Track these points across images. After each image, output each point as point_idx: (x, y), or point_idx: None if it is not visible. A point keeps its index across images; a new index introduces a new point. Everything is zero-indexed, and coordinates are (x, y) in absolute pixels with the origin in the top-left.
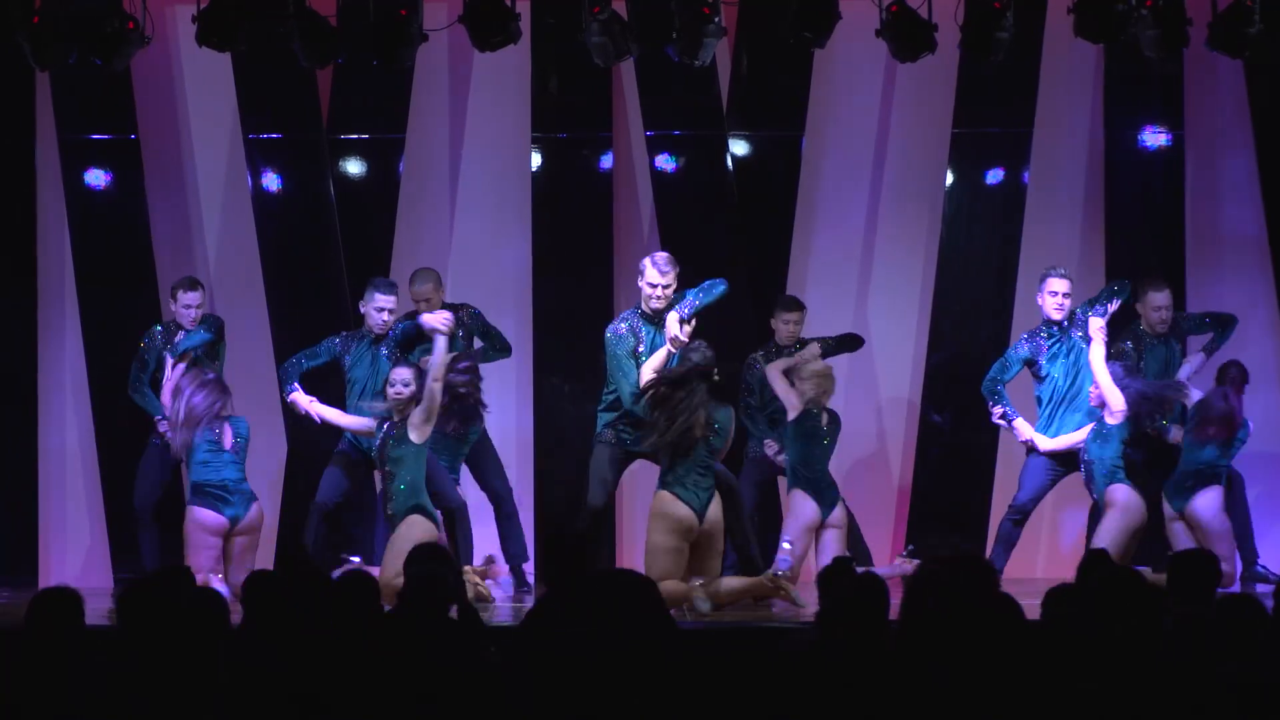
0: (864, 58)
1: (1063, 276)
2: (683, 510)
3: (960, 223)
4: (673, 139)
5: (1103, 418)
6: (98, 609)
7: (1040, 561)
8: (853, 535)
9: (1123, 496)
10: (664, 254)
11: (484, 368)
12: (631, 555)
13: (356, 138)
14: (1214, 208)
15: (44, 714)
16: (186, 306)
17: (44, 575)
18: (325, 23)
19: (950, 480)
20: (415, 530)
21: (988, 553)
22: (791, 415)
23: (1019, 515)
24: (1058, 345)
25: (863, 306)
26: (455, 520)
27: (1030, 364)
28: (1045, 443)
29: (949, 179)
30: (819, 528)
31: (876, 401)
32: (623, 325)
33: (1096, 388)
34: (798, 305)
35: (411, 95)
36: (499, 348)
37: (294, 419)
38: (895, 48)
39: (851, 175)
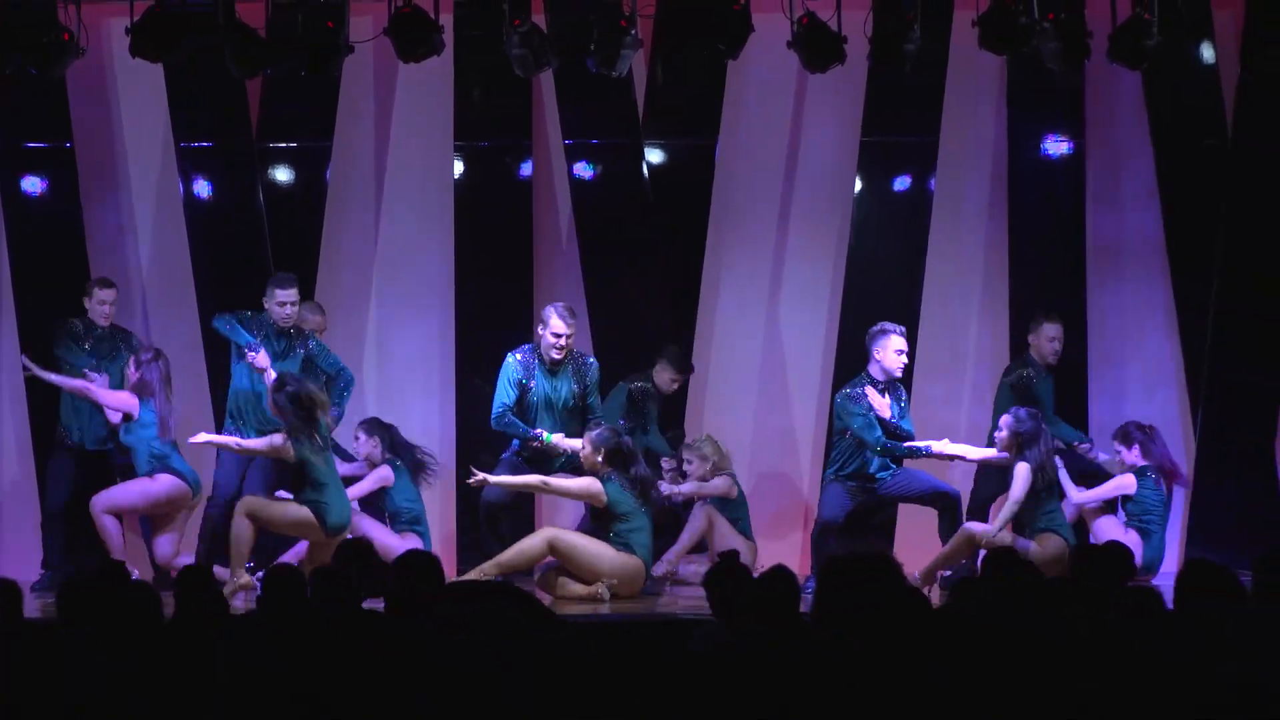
0: (776, 68)
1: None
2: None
3: (869, 229)
4: (590, 147)
5: None
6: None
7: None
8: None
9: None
10: (564, 305)
11: (417, 363)
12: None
13: (285, 145)
14: (1114, 214)
15: None
16: (102, 303)
17: None
18: (255, 34)
19: None
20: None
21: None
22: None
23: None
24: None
25: (774, 310)
26: None
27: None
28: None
29: (858, 186)
30: None
31: (787, 405)
32: (519, 357)
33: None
34: (689, 368)
35: (338, 104)
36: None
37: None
38: (806, 58)
39: (763, 182)
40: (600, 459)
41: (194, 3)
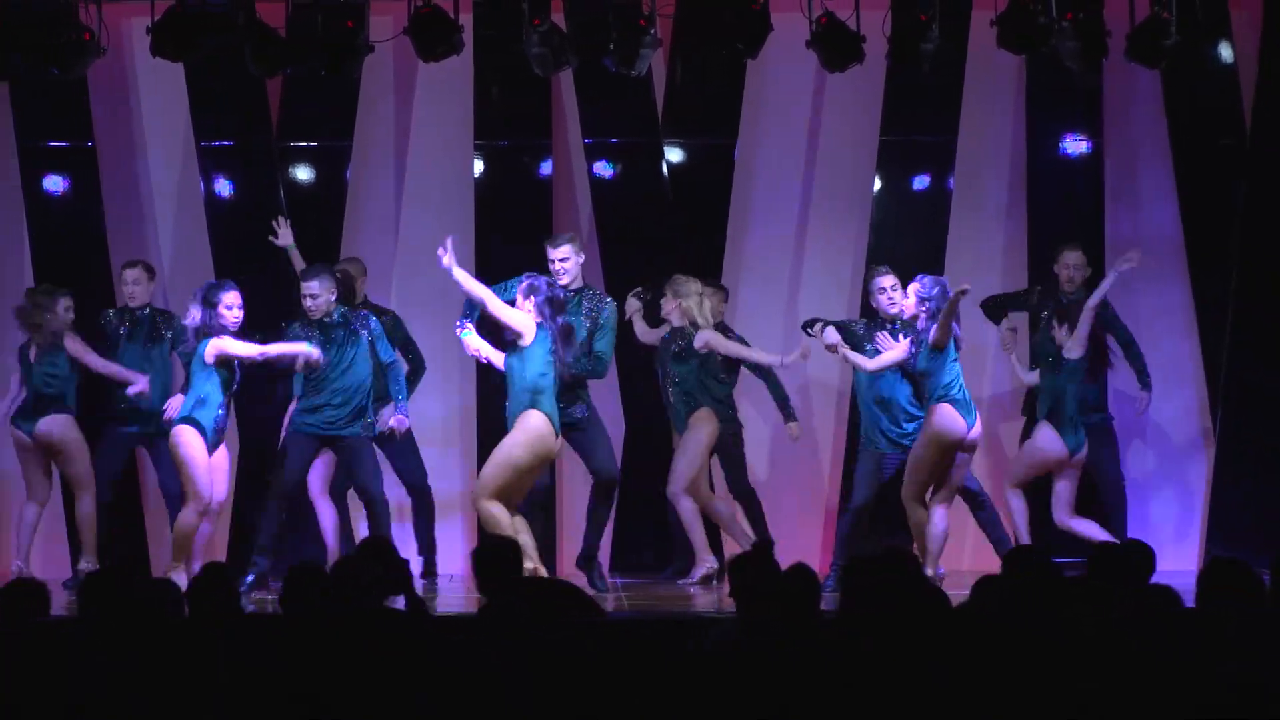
0: (795, 67)
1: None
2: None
3: (888, 228)
4: (610, 146)
5: None
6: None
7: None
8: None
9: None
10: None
11: (437, 361)
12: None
13: (305, 145)
14: (1133, 213)
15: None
16: (124, 284)
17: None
18: (275, 34)
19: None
20: None
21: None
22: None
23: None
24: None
25: (793, 310)
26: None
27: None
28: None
29: (877, 185)
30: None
31: (807, 403)
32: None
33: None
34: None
35: (358, 104)
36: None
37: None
38: (825, 58)
39: (783, 181)
40: (531, 305)
41: (214, 2)
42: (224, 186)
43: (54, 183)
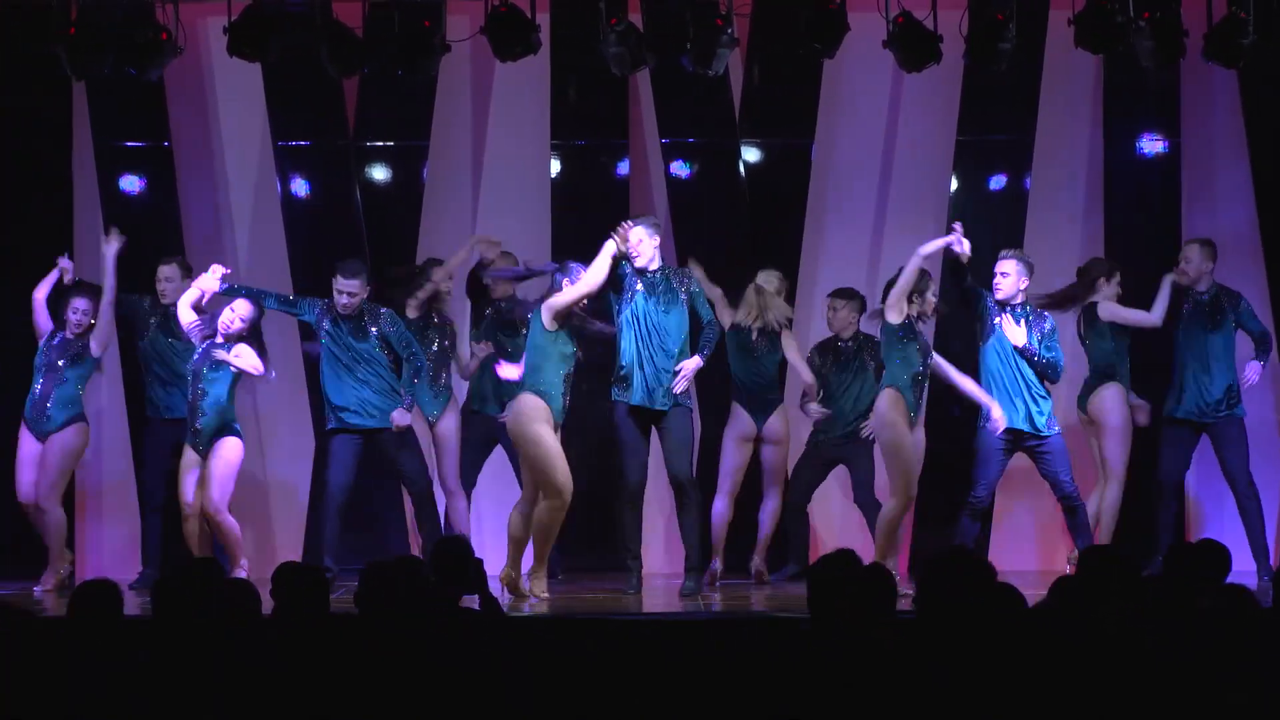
0: (871, 67)
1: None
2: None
3: (965, 228)
4: (687, 146)
5: None
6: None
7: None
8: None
9: None
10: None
11: None
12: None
13: (382, 145)
14: (1209, 213)
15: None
16: (157, 280)
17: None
18: (352, 34)
19: (957, 479)
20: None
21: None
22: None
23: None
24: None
25: (871, 309)
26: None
27: None
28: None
29: (954, 185)
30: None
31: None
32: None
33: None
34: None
35: (435, 104)
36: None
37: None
38: (902, 58)
39: (859, 181)
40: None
41: (292, 2)
42: (300, 186)
43: (130, 182)
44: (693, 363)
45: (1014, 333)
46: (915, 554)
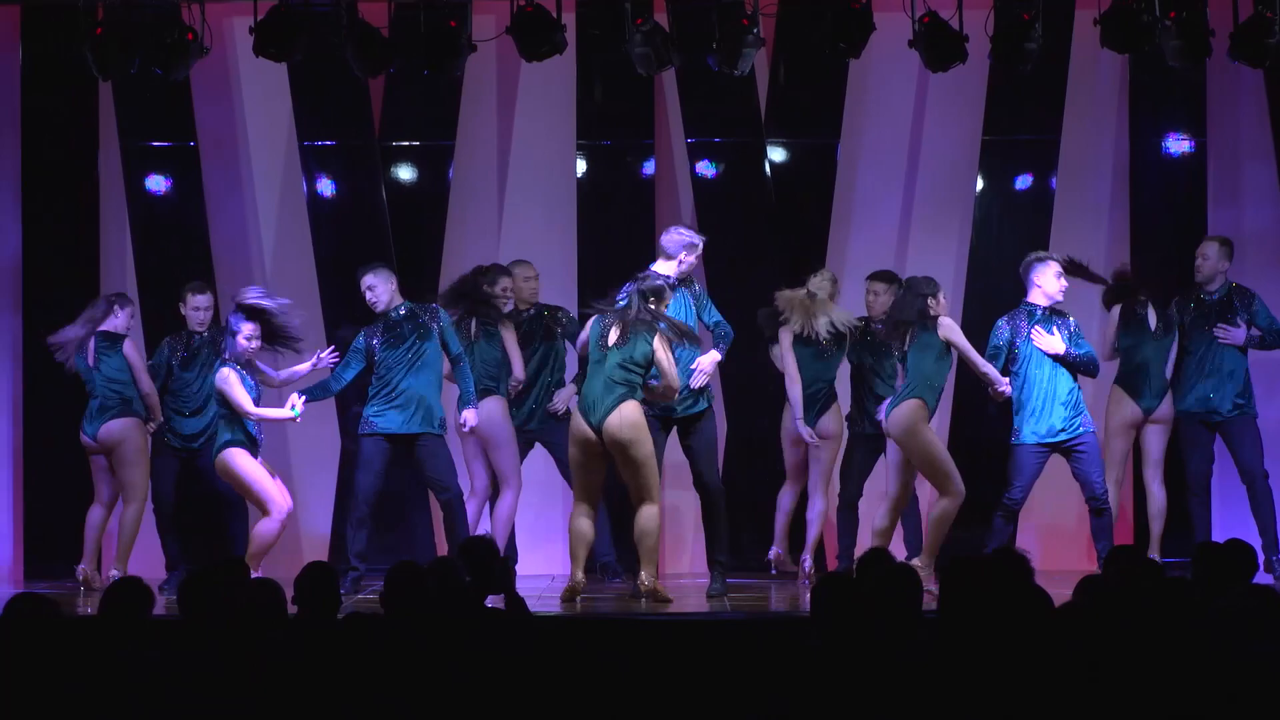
0: (897, 67)
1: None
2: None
3: (990, 227)
4: (713, 146)
5: None
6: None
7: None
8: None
9: None
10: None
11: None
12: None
13: (408, 144)
14: (1235, 213)
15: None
16: (195, 309)
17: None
18: (377, 33)
19: (986, 477)
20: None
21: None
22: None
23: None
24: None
25: None
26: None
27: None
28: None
29: (979, 185)
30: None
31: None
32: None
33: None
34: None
35: (461, 103)
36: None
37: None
38: (927, 58)
39: (885, 181)
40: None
41: (317, 2)
42: (326, 186)
43: (156, 182)
44: (710, 358)
45: (1050, 343)
46: (943, 552)
